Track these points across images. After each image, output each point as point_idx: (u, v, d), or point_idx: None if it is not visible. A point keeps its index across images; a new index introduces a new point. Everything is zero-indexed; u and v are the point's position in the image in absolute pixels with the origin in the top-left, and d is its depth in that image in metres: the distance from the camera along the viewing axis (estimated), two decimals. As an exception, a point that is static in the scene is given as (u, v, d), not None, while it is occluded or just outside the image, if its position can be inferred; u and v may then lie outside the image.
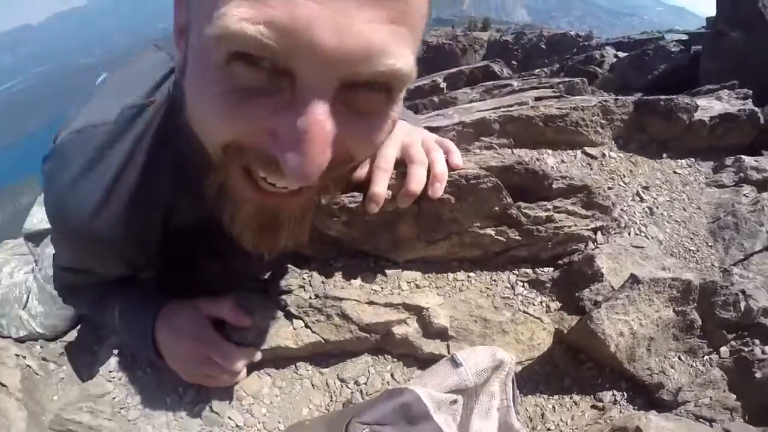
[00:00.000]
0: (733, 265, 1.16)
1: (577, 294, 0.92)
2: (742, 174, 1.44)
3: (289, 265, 0.93)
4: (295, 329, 0.90)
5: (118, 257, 0.80)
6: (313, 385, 0.93)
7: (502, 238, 0.92)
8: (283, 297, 0.92)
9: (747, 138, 1.59)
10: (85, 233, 0.72)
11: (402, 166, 0.84)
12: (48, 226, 1.17)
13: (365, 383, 0.90)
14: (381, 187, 0.82)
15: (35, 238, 1.44)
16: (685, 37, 2.71)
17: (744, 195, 1.35)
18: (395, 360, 0.92)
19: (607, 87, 2.19)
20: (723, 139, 1.54)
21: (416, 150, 0.83)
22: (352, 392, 0.90)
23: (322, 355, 0.93)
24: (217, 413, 0.92)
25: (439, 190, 0.83)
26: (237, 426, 0.90)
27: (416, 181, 0.82)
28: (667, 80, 2.24)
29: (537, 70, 2.61)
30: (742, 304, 0.97)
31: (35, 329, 1.36)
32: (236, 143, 0.50)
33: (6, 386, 1.21)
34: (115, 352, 1.04)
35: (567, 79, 1.70)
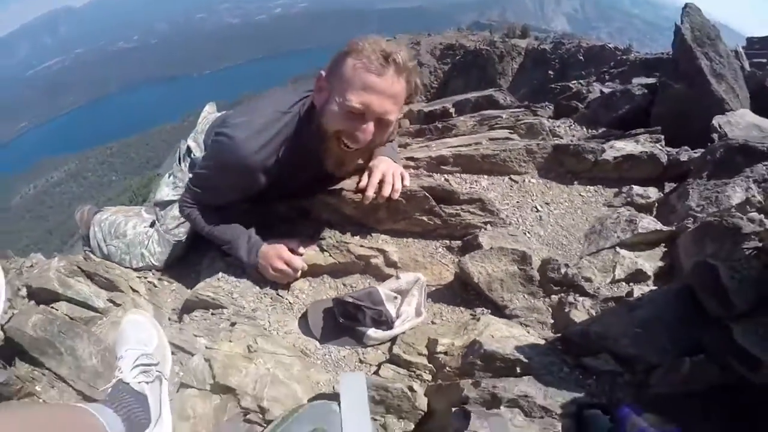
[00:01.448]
0: (588, 255, 2.16)
1: (468, 255, 1.99)
2: (629, 199, 2.39)
3: (325, 227, 2.07)
4: (323, 257, 2.05)
5: (245, 183, 1.99)
6: (329, 287, 2.07)
7: (431, 223, 2.04)
8: (321, 241, 2.07)
9: (653, 172, 2.52)
10: (243, 161, 1.89)
11: (382, 183, 1.96)
12: (171, 198, 2.43)
13: (356, 286, 2.03)
14: (370, 192, 1.95)
15: (162, 205, 2.55)
16: (652, 81, 3.51)
17: (618, 213, 2.31)
18: (371, 276, 2.05)
19: (581, 121, 3.08)
20: (630, 172, 2.48)
21: (388, 176, 1.98)
22: (348, 290, 2.03)
23: (336, 271, 2.08)
24: (280, 296, 2.07)
25: (396, 195, 1.96)
26: (289, 302, 2.06)
27: (386, 191, 1.95)
28: (628, 119, 3.05)
29: (534, 106, 3.56)
30: (563, 271, 1.99)
31: (152, 263, 2.49)
32: (341, 131, 1.81)
33: (137, 291, 2.31)
34: (220, 271, 2.20)
35: (531, 120, 2.72)
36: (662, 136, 2.65)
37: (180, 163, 2.55)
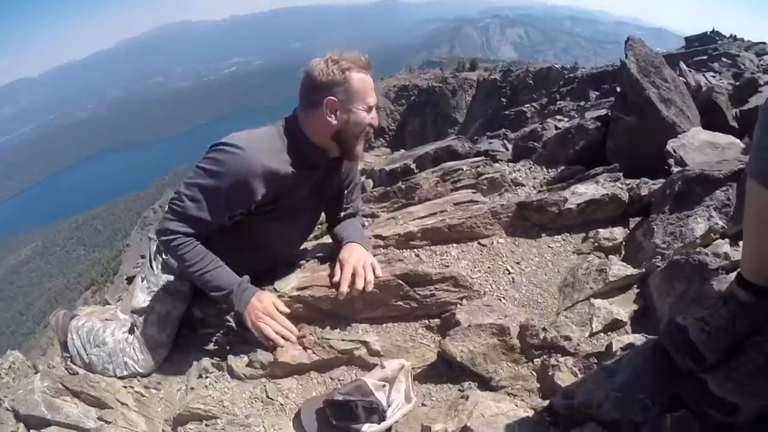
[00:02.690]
0: (564, 310, 2.28)
1: (447, 333, 2.09)
2: (597, 243, 2.53)
3: (303, 324, 2.16)
4: (307, 354, 2.15)
5: (240, 195, 2.10)
6: (318, 382, 2.17)
7: (408, 306, 2.16)
8: (302, 339, 2.15)
9: (616, 211, 2.67)
10: (244, 161, 2.04)
11: (354, 276, 2.07)
12: (147, 304, 2.48)
13: (342, 379, 2.13)
14: (344, 287, 2.08)
15: (139, 311, 2.58)
16: (603, 112, 3.70)
17: (587, 261, 2.43)
18: (357, 366, 2.16)
19: (540, 161, 3.21)
20: (595, 215, 2.63)
21: (359, 268, 2.12)
22: (336, 384, 2.12)
23: (321, 367, 2.18)
24: (271, 398, 2.16)
25: (369, 287, 2.08)
26: (281, 404, 2.15)
27: (359, 284, 2.08)
28: (585, 154, 3.19)
29: (493, 144, 3.74)
30: (541, 335, 2.10)
31: (136, 370, 2.54)
32: (371, 123, 2.24)
33: (126, 404, 2.32)
34: (205, 372, 2.27)
35: (492, 174, 2.87)
36: (620, 174, 2.79)
37: (152, 265, 2.61)
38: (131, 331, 2.60)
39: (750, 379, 1.47)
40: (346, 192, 2.54)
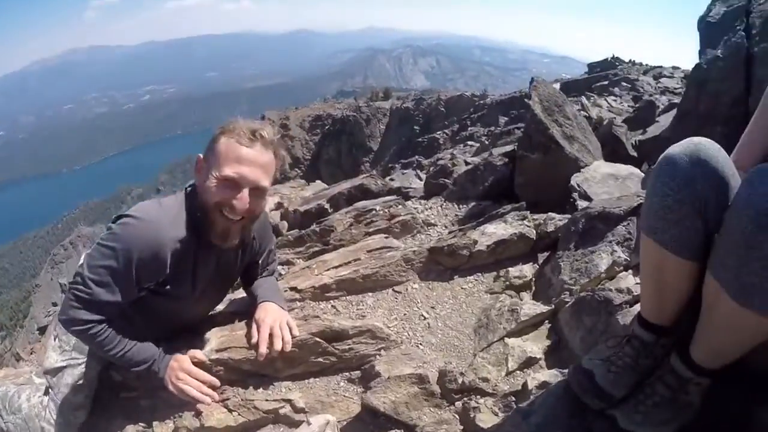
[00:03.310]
0: (480, 351, 2.40)
1: (368, 386, 2.17)
2: (508, 282, 2.67)
3: (226, 386, 2.18)
4: (233, 417, 2.16)
5: (150, 269, 2.03)
6: (243, 445, 2.17)
7: (327, 361, 2.22)
8: (226, 401, 2.17)
9: (525, 248, 2.83)
10: (152, 234, 1.99)
11: (272, 336, 2.12)
12: (61, 365, 2.42)
13: (270, 440, 2.16)
14: (263, 349, 2.11)
15: (52, 372, 2.51)
16: (510, 147, 3.94)
17: (500, 301, 2.57)
18: (283, 425, 2.19)
19: (451, 197, 3.37)
20: (504, 254, 2.78)
21: (276, 329, 2.15)
22: (264, 445, 2.15)
23: (248, 428, 2.20)
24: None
25: (288, 347, 2.13)
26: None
27: (277, 345, 2.12)
28: (494, 190, 3.38)
29: (407, 175, 3.88)
30: (459, 380, 2.21)
31: None
32: (219, 202, 1.99)
33: None
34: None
35: (404, 216, 3.00)
36: (528, 212, 2.96)
37: None
38: (46, 393, 2.51)
39: (656, 410, 1.58)
40: (260, 261, 2.51)
